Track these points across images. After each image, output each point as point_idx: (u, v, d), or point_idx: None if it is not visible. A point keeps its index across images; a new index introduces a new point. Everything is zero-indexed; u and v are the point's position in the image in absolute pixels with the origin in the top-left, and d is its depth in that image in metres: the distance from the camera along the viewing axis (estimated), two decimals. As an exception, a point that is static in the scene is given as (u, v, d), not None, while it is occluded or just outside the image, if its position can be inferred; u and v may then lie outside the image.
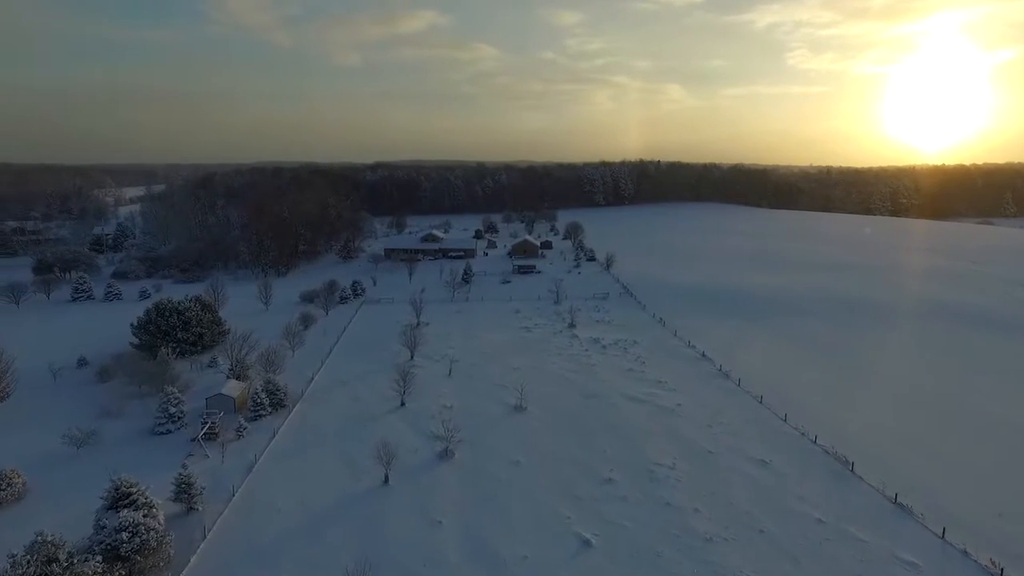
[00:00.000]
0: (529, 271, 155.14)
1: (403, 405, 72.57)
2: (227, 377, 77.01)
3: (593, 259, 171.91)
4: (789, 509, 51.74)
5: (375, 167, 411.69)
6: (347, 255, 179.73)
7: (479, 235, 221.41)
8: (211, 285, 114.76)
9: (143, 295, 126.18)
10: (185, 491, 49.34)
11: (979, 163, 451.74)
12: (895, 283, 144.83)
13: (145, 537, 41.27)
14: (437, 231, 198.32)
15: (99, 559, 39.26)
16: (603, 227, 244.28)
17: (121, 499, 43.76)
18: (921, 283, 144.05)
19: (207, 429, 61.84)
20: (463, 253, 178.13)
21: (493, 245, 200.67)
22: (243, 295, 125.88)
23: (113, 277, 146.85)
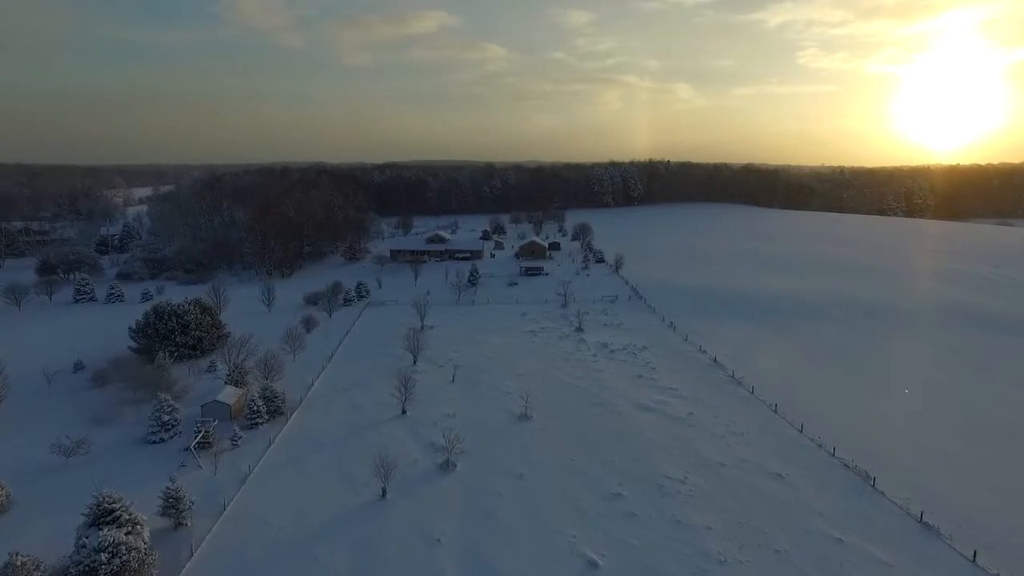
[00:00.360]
0: (536, 273, 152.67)
1: (404, 413, 70.34)
2: (225, 383, 75.14)
3: (602, 261, 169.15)
4: (807, 527, 49.05)
5: (383, 167, 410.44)
6: (352, 256, 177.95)
7: (486, 236, 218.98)
8: (213, 287, 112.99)
9: (145, 297, 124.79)
10: (173, 506, 47.28)
11: (995, 163, 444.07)
12: (913, 286, 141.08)
13: (126, 558, 39.21)
14: (443, 232, 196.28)
15: (76, 581, 37.32)
16: (612, 228, 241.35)
17: (103, 516, 41.76)
18: (940, 286, 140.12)
19: (200, 438, 59.81)
20: (469, 254, 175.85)
21: (500, 246, 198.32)
22: (246, 297, 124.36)
23: (117, 278, 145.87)
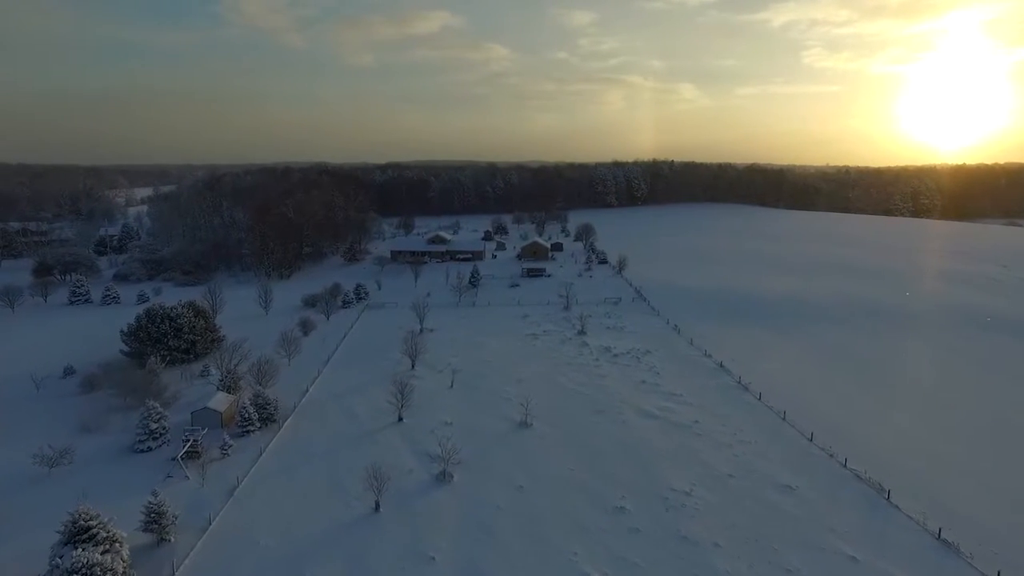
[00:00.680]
0: (539, 274, 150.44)
1: (401, 420, 68.27)
2: (217, 389, 73.18)
3: (605, 262, 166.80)
4: (819, 544, 46.80)
5: (384, 167, 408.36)
6: (352, 257, 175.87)
7: (488, 236, 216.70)
8: (209, 289, 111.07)
9: (141, 299, 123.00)
10: (155, 520, 45.25)
11: (1001, 162, 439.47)
12: (922, 288, 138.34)
13: (101, 579, 37.14)
14: (445, 232, 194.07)
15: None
16: (615, 228, 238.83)
17: (79, 533, 39.73)
18: (948, 287, 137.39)
19: (188, 448, 57.77)
20: (471, 255, 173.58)
21: (502, 247, 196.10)
22: (243, 299, 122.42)
23: (114, 280, 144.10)
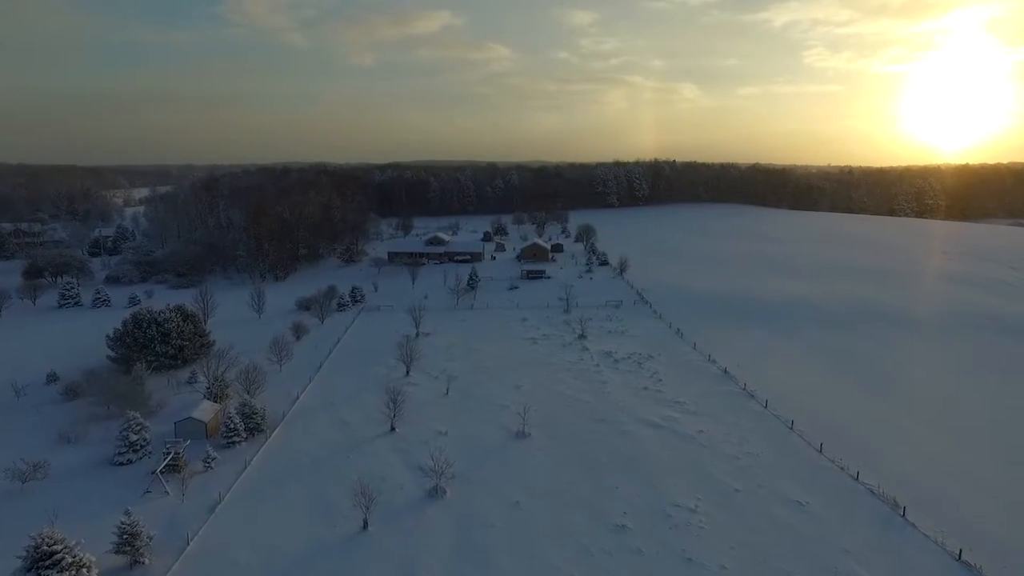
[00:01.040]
0: (538, 276, 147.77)
1: (393, 430, 65.67)
2: (204, 397, 70.63)
3: (606, 263, 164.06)
4: (833, 567, 44.22)
5: (384, 167, 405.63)
6: (349, 259, 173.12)
7: (488, 237, 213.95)
8: (200, 292, 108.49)
9: (132, 302, 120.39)
10: (128, 542, 42.65)
11: (1004, 162, 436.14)
12: (929, 290, 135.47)
13: (63, 610, 34.56)
14: (443, 234, 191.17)
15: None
16: (616, 229, 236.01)
17: (42, 559, 37.16)
18: (957, 289, 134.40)
19: (169, 461, 55.13)
20: (469, 257, 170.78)
21: (502, 248, 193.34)
22: (236, 301, 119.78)
23: (106, 282, 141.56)
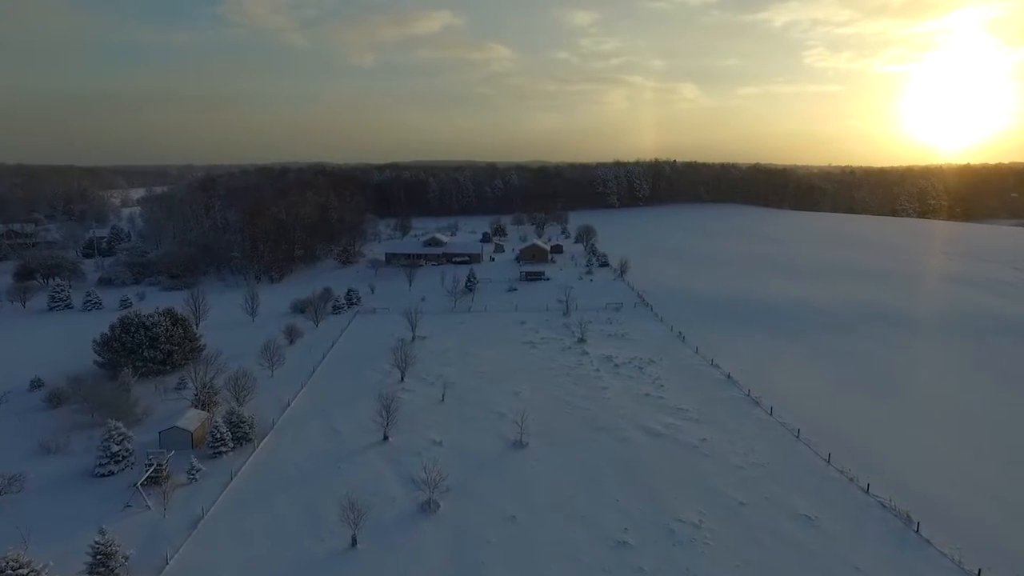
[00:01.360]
0: (537, 278, 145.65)
1: (386, 439, 63.46)
2: (191, 404, 68.41)
3: (606, 264, 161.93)
4: (845, 587, 41.87)
5: (382, 167, 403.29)
6: (346, 260, 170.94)
7: (487, 238, 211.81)
8: (192, 294, 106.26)
9: (124, 304, 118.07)
10: (103, 563, 40.44)
11: (1005, 162, 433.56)
12: (935, 292, 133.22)
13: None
14: (441, 235, 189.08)
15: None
16: (616, 230, 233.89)
17: (6, 584, 34.90)
18: (962, 292, 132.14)
19: (151, 473, 52.91)
20: (468, 258, 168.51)
21: (501, 249, 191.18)
22: (230, 304, 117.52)
23: (98, 284, 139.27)
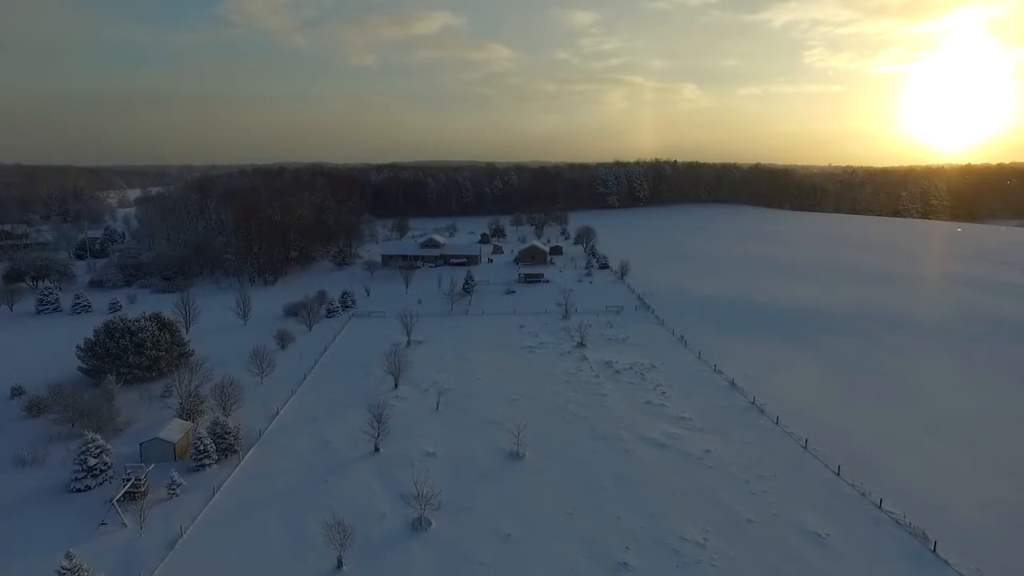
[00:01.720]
0: (536, 280, 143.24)
1: (377, 450, 60.98)
2: (176, 414, 65.97)
3: (606, 266, 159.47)
4: (860, 613, 39.39)
5: (380, 168, 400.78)
6: (342, 261, 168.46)
7: (485, 239, 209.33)
8: (183, 298, 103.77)
9: (114, 307, 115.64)
10: (70, 588, 37.90)
11: (1006, 162, 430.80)
12: (943, 295, 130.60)
13: None
14: (439, 236, 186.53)
15: None
16: (616, 230, 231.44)
17: (-39, 616, 32.34)
18: (972, 295, 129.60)
19: (129, 488, 50.41)
20: (466, 260, 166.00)
21: (499, 250, 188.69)
22: (222, 307, 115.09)
23: (89, 286, 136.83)
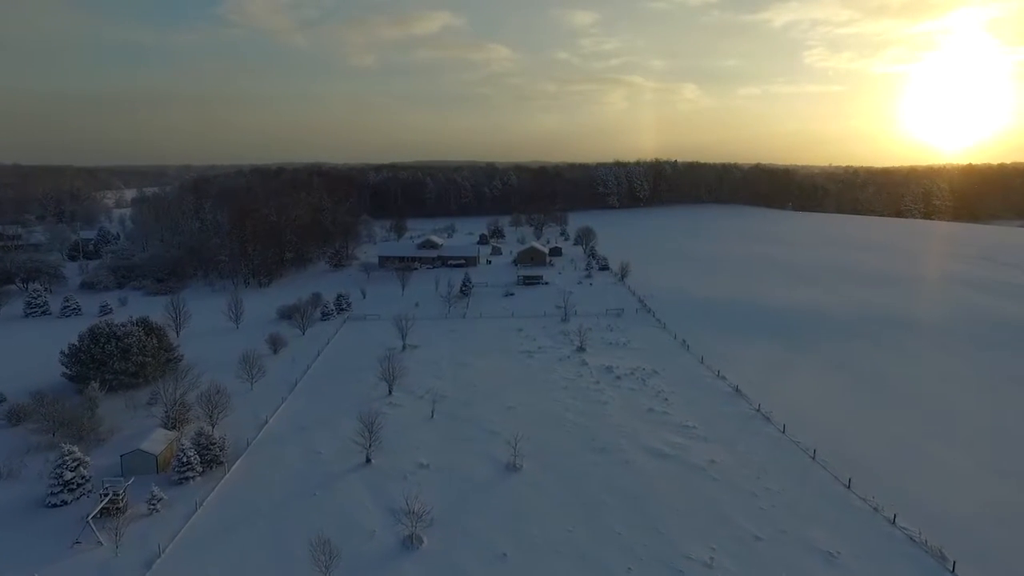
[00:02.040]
0: (535, 282, 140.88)
1: (369, 462, 58.63)
2: (161, 423, 63.62)
3: (606, 268, 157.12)
4: (877, 640, 37.03)
5: (379, 168, 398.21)
6: (338, 263, 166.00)
7: (484, 240, 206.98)
8: (172, 301, 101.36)
9: (104, 310, 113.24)
10: (35, 616, 35.54)
11: (1007, 162, 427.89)
12: (950, 298, 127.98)
13: None
14: (436, 237, 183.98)
15: None
16: (617, 231, 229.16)
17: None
18: (980, 297, 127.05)
19: (105, 503, 48.04)
20: (463, 261, 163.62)
21: (498, 251, 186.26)
22: (214, 310, 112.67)
23: (81, 288, 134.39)
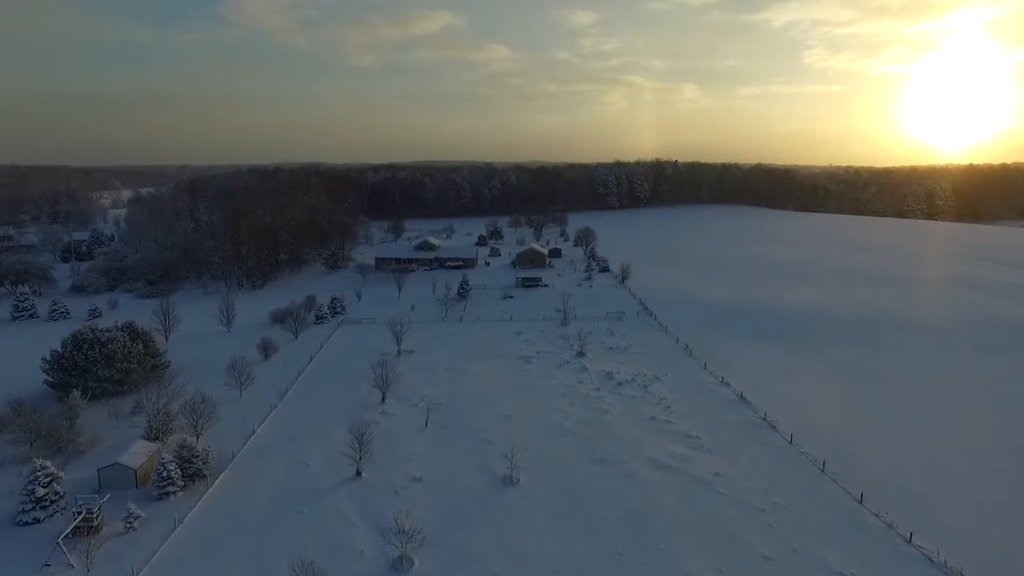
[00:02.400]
0: (535, 284, 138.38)
1: (359, 475, 56.12)
2: (143, 434, 61.10)
3: (606, 270, 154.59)
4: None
5: (377, 168, 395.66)
6: (334, 265, 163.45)
7: (482, 241, 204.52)
8: (162, 304, 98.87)
9: (93, 314, 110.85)
10: (-7, 650, 33.03)
11: (1008, 162, 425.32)
12: (955, 299, 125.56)
13: None
14: (434, 238, 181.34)
15: None
16: (617, 231, 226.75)
17: None
18: (987, 300, 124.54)
19: (78, 522, 45.52)
20: (461, 263, 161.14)
21: (497, 253, 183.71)
22: (206, 313, 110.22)
23: (71, 291, 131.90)
